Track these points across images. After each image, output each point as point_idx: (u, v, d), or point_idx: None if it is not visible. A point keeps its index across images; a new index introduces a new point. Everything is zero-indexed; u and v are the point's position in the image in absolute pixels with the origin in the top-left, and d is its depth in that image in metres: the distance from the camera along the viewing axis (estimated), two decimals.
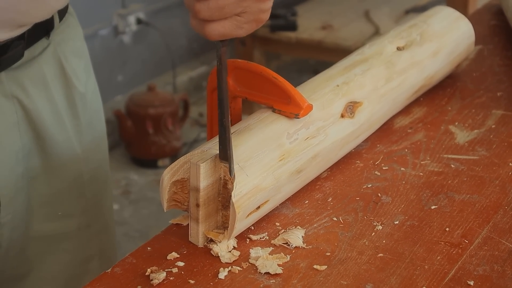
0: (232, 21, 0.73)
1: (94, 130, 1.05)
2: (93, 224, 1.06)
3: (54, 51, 0.97)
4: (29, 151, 0.95)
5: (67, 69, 0.98)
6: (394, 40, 1.06)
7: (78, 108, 1.00)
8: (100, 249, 1.09)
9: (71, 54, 1.00)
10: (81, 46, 1.04)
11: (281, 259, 0.78)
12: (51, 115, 0.96)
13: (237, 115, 0.90)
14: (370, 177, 0.93)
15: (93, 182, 1.05)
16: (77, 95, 1.00)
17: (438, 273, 0.77)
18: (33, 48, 0.94)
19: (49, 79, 0.96)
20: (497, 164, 0.95)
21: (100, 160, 1.08)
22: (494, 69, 1.21)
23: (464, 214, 0.86)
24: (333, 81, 0.94)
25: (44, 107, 0.95)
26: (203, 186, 0.78)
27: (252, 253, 0.79)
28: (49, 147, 0.97)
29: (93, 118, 1.04)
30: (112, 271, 0.78)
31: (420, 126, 1.04)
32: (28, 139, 0.95)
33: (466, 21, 1.15)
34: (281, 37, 3.10)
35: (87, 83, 1.03)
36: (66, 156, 0.99)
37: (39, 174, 0.97)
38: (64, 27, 1.00)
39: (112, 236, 1.13)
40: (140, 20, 3.08)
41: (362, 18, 3.21)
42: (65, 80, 0.98)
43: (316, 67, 3.65)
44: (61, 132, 0.98)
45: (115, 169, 2.92)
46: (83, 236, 1.05)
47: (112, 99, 3.10)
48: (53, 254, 1.02)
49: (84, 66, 1.03)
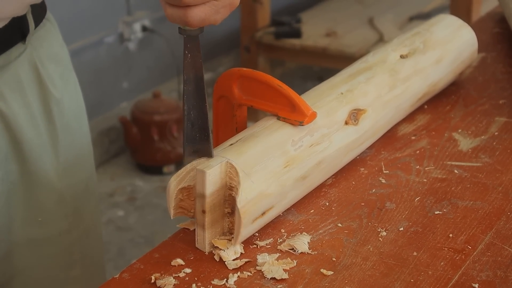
0: (211, 6, 0.76)
1: (72, 136, 1.05)
2: (74, 230, 1.06)
3: (30, 56, 0.98)
4: (6, 155, 0.96)
5: (42, 75, 0.99)
6: (397, 48, 1.07)
7: (54, 113, 1.01)
8: (82, 256, 1.08)
9: (47, 59, 1.01)
10: (58, 51, 1.04)
11: (287, 264, 0.79)
12: (27, 119, 0.97)
13: (243, 123, 0.92)
14: (374, 184, 0.94)
15: (73, 187, 1.05)
16: (53, 101, 1.00)
17: (442, 278, 0.78)
18: (8, 53, 0.95)
19: (25, 84, 0.97)
20: (500, 171, 0.96)
21: (81, 166, 1.08)
22: (497, 76, 1.22)
23: (468, 220, 0.87)
24: (337, 88, 0.95)
25: (20, 112, 0.96)
26: (209, 193, 0.79)
27: (259, 259, 0.80)
28: (26, 151, 0.97)
29: (70, 125, 1.04)
30: (120, 276, 0.79)
31: (424, 133, 1.05)
32: (5, 143, 0.95)
33: (469, 29, 1.16)
34: (286, 44, 3.11)
35: (64, 89, 1.03)
36: (42, 161, 1.00)
37: (17, 179, 0.98)
38: (41, 32, 1.01)
39: (96, 241, 1.13)
40: (145, 28, 3.10)
41: (366, 25, 3.22)
42: (41, 85, 0.99)
43: (320, 74, 3.66)
44: (37, 137, 0.98)
45: (120, 175, 2.94)
46: (65, 242, 1.05)
47: (117, 105, 3.11)
48: (36, 259, 1.02)
49: (61, 72, 1.03)
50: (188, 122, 0.81)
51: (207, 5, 0.75)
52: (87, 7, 2.87)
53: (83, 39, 2.89)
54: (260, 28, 3.18)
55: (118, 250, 2.51)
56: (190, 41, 0.79)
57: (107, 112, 3.06)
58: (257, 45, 3.18)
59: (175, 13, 0.76)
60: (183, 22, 0.76)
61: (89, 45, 2.91)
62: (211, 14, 0.76)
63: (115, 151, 3.05)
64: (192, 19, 0.75)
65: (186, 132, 0.81)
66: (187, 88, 0.80)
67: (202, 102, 0.81)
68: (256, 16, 3.17)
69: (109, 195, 2.81)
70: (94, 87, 2.95)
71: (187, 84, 0.80)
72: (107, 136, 3.00)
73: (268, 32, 3.16)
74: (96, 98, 2.98)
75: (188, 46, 0.79)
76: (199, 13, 0.75)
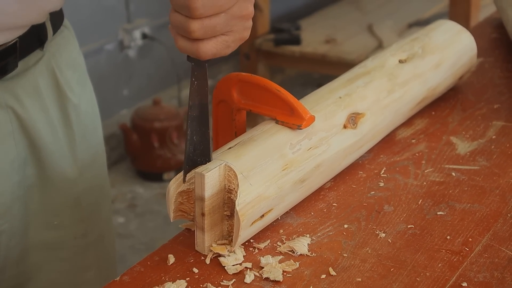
0: (221, 40, 0.76)
1: (89, 141, 1.06)
2: (90, 234, 1.07)
3: (48, 62, 0.99)
4: (25, 160, 0.97)
5: (60, 81, 1.00)
6: (396, 53, 1.08)
7: (71, 118, 1.02)
8: (97, 259, 1.10)
9: (65, 66, 1.02)
10: (76, 58, 1.06)
11: (290, 266, 0.80)
12: (44, 124, 0.98)
13: (242, 127, 0.92)
14: (373, 187, 0.95)
15: (89, 192, 1.06)
16: (70, 106, 1.02)
17: (439, 280, 0.78)
18: (27, 59, 0.96)
19: (43, 90, 0.98)
20: (497, 174, 0.97)
21: (96, 170, 1.09)
22: (495, 81, 1.23)
23: (465, 222, 0.87)
24: (336, 93, 0.96)
25: (38, 117, 0.97)
26: (208, 196, 0.80)
27: (262, 261, 0.81)
28: (44, 156, 0.98)
29: (87, 129, 1.06)
30: (121, 279, 0.80)
31: (422, 137, 1.06)
32: (23, 148, 0.96)
33: (468, 34, 1.17)
34: (285, 51, 3.12)
35: (82, 94, 1.04)
36: (59, 165, 1.01)
37: (35, 183, 0.99)
38: (59, 39, 1.02)
39: (110, 246, 1.14)
40: (145, 35, 3.11)
41: (365, 32, 3.24)
42: (59, 91, 1.00)
43: (320, 80, 3.67)
44: (55, 142, 0.99)
45: (121, 182, 2.94)
46: (80, 246, 1.06)
47: (117, 113, 3.12)
48: (51, 263, 1.03)
49: (78, 77, 1.05)
50: (191, 146, 0.81)
51: (219, 40, 0.76)
52: (87, 15, 2.89)
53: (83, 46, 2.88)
54: (260, 35, 3.19)
55: (119, 257, 2.50)
56: (197, 69, 0.79)
57: (108, 119, 3.07)
58: (256, 52, 3.19)
59: (187, 46, 0.76)
60: (194, 55, 0.76)
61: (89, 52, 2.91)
62: (222, 48, 0.77)
63: (116, 158, 3.06)
64: (204, 53, 0.76)
65: (187, 156, 0.82)
66: (191, 113, 0.81)
67: (205, 128, 0.82)
68: (256, 23, 3.18)
69: None
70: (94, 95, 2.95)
71: (192, 110, 0.81)
72: (107, 143, 3.01)
73: (268, 39, 3.17)
74: None
75: (195, 73, 0.79)
76: (210, 48, 0.75)
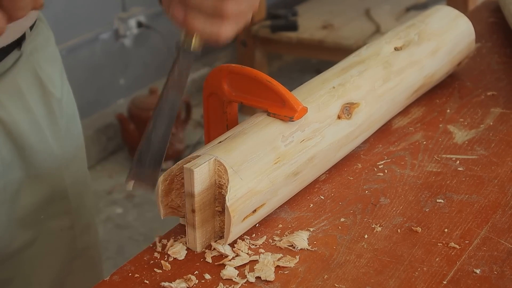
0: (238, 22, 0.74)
1: (71, 134, 1.04)
2: (76, 225, 1.06)
3: (27, 60, 0.96)
4: (10, 164, 0.95)
5: (42, 77, 0.98)
6: (391, 41, 1.06)
7: (56, 114, 1.00)
8: (83, 249, 1.09)
9: (44, 61, 0.99)
10: (53, 51, 1.03)
11: (290, 261, 0.78)
12: (29, 125, 0.96)
13: (234, 120, 0.90)
14: (368, 179, 0.93)
15: (74, 184, 1.05)
16: (54, 102, 1.00)
17: (437, 274, 0.76)
18: (4, 61, 0.93)
19: (25, 89, 0.95)
20: (495, 163, 0.95)
21: (79, 162, 1.08)
22: (493, 67, 1.20)
23: (463, 214, 0.85)
24: (329, 83, 0.94)
25: (21, 119, 0.95)
26: (197, 192, 0.77)
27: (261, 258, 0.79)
28: (30, 157, 0.96)
29: (70, 122, 1.04)
30: (111, 279, 0.78)
31: (419, 126, 1.04)
32: (7, 152, 0.94)
33: (466, 19, 1.15)
34: (282, 38, 3.10)
35: (62, 88, 1.02)
36: (47, 164, 0.99)
37: (22, 186, 0.96)
38: (35, 35, 0.99)
39: (94, 236, 1.13)
40: (140, 24, 3.08)
41: (362, 17, 3.21)
42: (42, 88, 0.98)
43: (318, 66, 3.64)
44: (41, 141, 0.98)
45: (118, 172, 2.93)
46: (66, 237, 1.05)
47: (114, 102, 3.10)
48: (37, 257, 1.02)
49: (58, 70, 1.02)
50: (147, 142, 0.76)
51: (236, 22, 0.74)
52: (82, 4, 2.86)
53: (78, 36, 2.88)
54: (256, 21, 3.17)
55: (117, 248, 2.50)
56: (185, 56, 0.75)
57: (104, 109, 3.05)
58: (253, 39, 3.17)
59: (206, 27, 0.72)
60: (213, 37, 0.73)
61: (84, 42, 2.89)
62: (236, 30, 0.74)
63: (113, 148, 3.04)
64: (225, 35, 0.73)
65: (139, 152, 0.76)
66: (161, 105, 0.75)
67: (168, 127, 0.76)
68: None
69: (107, 193, 2.80)
70: (90, 85, 2.94)
71: (162, 102, 0.75)
72: (104, 133, 2.99)
73: (264, 26, 3.15)
74: (93, 96, 2.97)
75: (180, 60, 0.75)
76: (231, 29, 0.73)
